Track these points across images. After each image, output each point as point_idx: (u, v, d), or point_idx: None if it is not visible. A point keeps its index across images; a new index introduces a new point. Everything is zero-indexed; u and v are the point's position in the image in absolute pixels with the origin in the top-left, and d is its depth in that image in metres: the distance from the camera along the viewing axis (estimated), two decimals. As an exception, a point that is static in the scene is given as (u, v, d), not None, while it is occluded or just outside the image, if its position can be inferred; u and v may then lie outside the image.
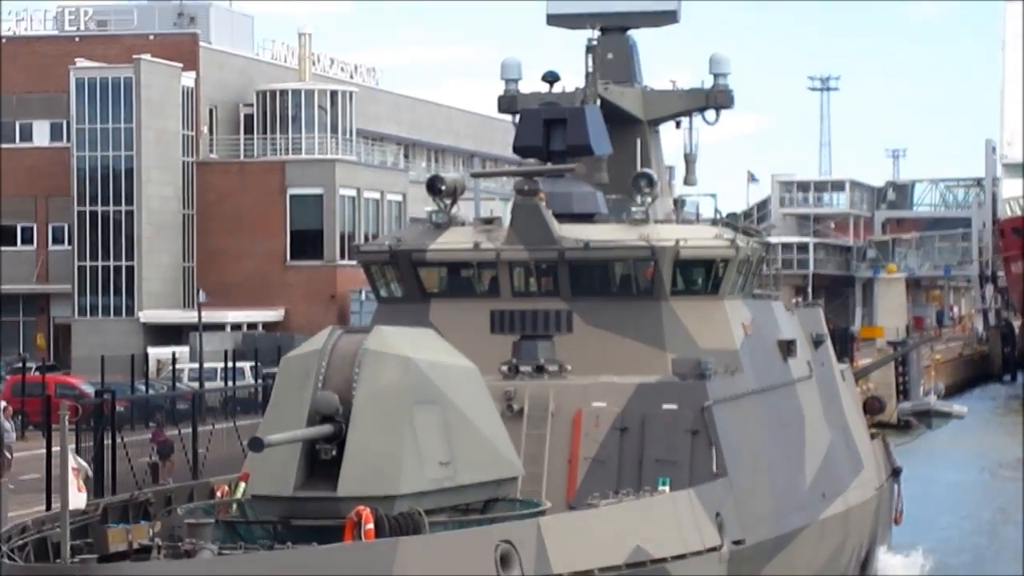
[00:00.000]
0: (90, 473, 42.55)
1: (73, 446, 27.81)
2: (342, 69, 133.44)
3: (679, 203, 46.37)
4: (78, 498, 25.85)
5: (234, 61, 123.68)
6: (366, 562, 25.71)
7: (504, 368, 38.32)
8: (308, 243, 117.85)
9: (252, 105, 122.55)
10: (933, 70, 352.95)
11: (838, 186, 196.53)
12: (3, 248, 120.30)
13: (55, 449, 45.76)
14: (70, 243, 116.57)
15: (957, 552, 59.01)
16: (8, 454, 55.56)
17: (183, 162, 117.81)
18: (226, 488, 32.87)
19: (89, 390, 74.46)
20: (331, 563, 25.45)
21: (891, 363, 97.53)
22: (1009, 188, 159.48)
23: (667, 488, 34.97)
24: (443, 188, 41.84)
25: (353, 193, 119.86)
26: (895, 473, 56.76)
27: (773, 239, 74.08)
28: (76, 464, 26.23)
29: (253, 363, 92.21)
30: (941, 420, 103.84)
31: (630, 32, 50.04)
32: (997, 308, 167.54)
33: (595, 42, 47.18)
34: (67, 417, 25.61)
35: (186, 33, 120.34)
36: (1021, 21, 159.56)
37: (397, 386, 28.86)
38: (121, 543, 26.29)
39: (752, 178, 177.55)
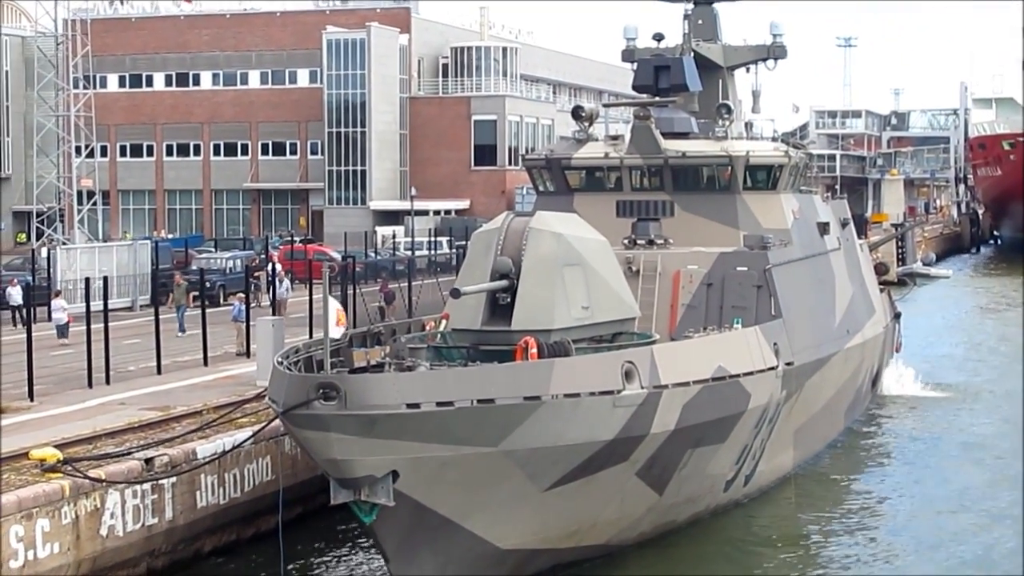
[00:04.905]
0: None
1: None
2: (510, 32, 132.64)
3: (748, 125, 45.73)
4: (336, 330, 25.80)
5: (435, 27, 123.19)
6: (532, 376, 25.63)
7: (625, 241, 38.12)
8: (486, 154, 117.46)
9: (448, 57, 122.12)
10: (924, 31, 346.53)
11: (856, 114, 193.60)
12: (277, 158, 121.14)
13: (317, 296, 46.10)
14: (322, 154, 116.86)
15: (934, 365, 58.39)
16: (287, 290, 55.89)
17: (400, 97, 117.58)
18: (433, 323, 32.81)
19: (336, 256, 74.89)
20: (507, 376, 25.40)
21: (893, 239, 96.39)
22: (976, 116, 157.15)
23: (740, 326, 34.79)
24: (583, 114, 41.52)
25: (517, 119, 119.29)
26: (896, 316, 56.27)
27: (812, 151, 72.89)
28: (336, 306, 26.28)
29: (448, 237, 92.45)
30: (926, 280, 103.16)
31: (715, 4, 49.32)
32: (967, 201, 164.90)
33: (690, 12, 46.81)
34: (327, 274, 25.65)
35: (402, 7, 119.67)
36: None
37: (552, 253, 28.67)
38: (362, 361, 26.36)
39: (796, 108, 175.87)
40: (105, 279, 44.91)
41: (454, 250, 76.58)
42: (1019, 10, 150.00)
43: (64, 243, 74.16)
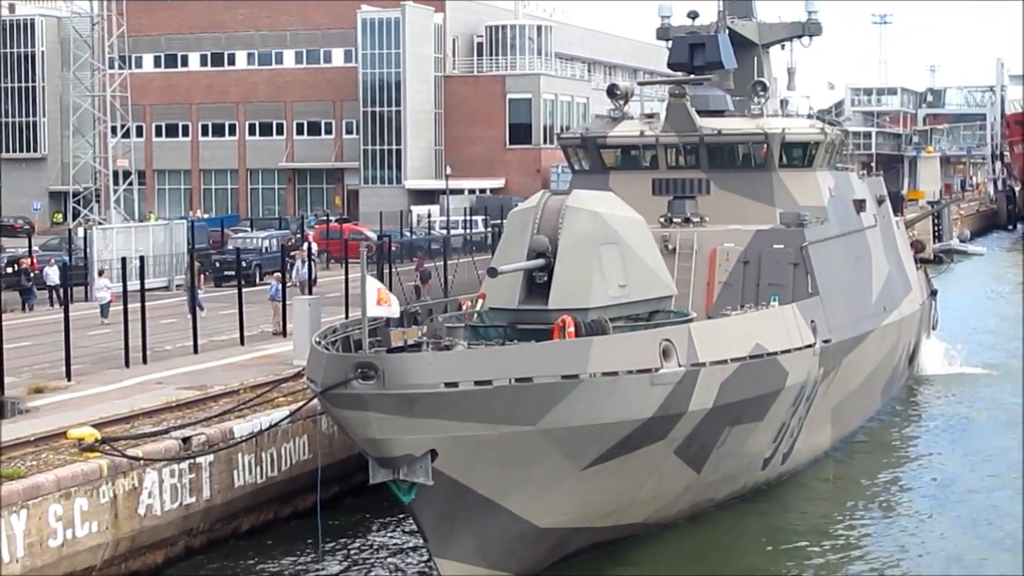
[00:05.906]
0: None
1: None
2: (544, 10, 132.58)
3: (784, 103, 45.50)
4: (381, 310, 25.58)
5: (470, 5, 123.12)
6: (569, 354, 25.55)
7: (662, 219, 37.91)
8: (521, 133, 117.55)
9: (482, 36, 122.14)
10: (958, 9, 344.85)
11: (892, 91, 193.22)
12: (312, 137, 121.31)
13: (353, 275, 46.01)
14: (357, 133, 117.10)
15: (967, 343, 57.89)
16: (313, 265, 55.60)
17: (434, 76, 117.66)
18: (469, 303, 32.77)
19: (372, 235, 74.89)
20: (545, 355, 25.32)
21: (929, 216, 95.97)
22: (1012, 92, 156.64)
23: (776, 303, 34.58)
24: (618, 93, 41.43)
25: (552, 97, 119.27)
26: (933, 294, 56.00)
27: (848, 128, 72.56)
28: (376, 286, 25.88)
29: (484, 216, 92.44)
30: (962, 257, 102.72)
31: (750, -18, 49.05)
32: (1003, 178, 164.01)
33: (725, -11, 46.65)
34: (364, 253, 25.58)
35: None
36: None
37: (589, 232, 28.54)
38: (399, 340, 26.30)
39: (831, 86, 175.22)
40: (141, 259, 44.99)
41: (490, 229, 76.49)
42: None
43: (100, 223, 74.31)
